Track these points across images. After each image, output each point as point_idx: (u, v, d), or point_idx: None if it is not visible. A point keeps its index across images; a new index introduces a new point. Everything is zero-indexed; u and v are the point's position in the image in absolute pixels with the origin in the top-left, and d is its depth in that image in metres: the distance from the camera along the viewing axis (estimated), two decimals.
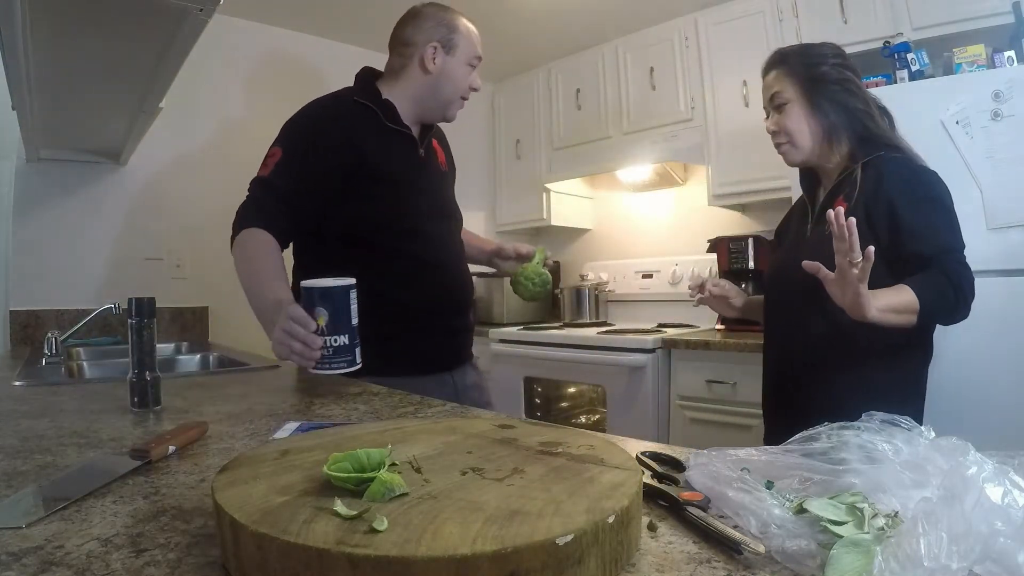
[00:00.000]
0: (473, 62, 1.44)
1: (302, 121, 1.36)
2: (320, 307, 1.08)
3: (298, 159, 1.30)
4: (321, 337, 1.06)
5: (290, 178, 1.29)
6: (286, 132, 1.35)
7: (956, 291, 1.10)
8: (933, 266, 1.12)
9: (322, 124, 1.34)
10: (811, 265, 1.05)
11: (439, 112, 1.44)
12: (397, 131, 1.39)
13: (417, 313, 1.36)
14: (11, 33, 1.08)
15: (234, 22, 2.59)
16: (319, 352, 1.06)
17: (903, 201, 1.15)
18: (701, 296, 1.41)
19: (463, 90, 1.43)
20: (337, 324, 1.08)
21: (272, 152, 1.32)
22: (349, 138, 1.32)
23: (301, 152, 1.30)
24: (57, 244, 2.25)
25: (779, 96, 1.29)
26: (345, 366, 1.10)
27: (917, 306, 1.07)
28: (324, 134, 1.32)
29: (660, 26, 2.74)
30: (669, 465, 0.63)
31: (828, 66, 1.26)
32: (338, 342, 1.09)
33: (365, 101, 1.37)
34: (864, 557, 0.38)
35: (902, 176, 1.18)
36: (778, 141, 1.32)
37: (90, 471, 0.66)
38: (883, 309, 1.04)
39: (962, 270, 1.13)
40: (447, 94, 1.41)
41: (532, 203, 3.25)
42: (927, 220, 1.16)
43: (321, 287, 1.07)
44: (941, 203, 1.18)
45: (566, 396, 2.84)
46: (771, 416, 1.37)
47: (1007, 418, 1.53)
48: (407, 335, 1.35)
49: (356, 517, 0.40)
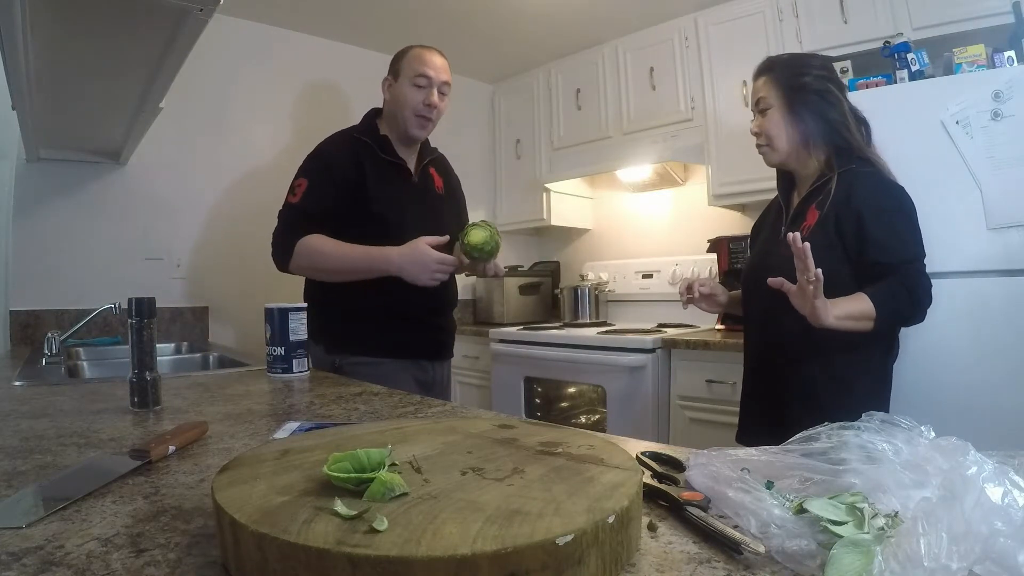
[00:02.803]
0: (418, 81, 1.63)
1: (320, 155, 1.64)
2: (266, 323, 1.43)
3: (318, 187, 1.58)
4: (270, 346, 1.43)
5: (315, 201, 1.57)
6: (308, 165, 1.63)
7: (912, 299, 1.22)
8: (893, 275, 1.22)
9: (333, 157, 1.61)
10: (775, 281, 1.17)
11: (403, 132, 1.67)
12: (391, 161, 1.65)
13: (405, 311, 1.62)
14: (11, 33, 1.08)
15: (234, 22, 2.59)
16: (449, 269, 1.52)
17: (870, 213, 1.25)
18: (689, 297, 1.50)
19: (412, 107, 1.63)
20: (275, 338, 1.42)
21: (299, 183, 1.60)
22: (354, 168, 1.60)
23: (320, 181, 1.58)
24: (57, 244, 2.25)
25: (763, 101, 1.39)
26: (280, 372, 1.41)
27: (874, 314, 1.19)
28: (336, 166, 1.59)
29: (660, 26, 2.74)
30: (669, 465, 0.63)
31: (811, 77, 1.35)
32: (276, 352, 1.42)
33: (364, 137, 1.65)
34: (864, 557, 0.38)
35: (871, 190, 1.28)
36: (759, 143, 1.42)
37: (90, 471, 0.66)
38: (841, 316, 1.16)
39: (920, 279, 1.24)
40: (399, 114, 1.65)
41: (532, 203, 3.25)
42: (891, 232, 1.25)
43: (268, 308, 1.43)
44: (905, 216, 1.28)
45: (566, 396, 2.84)
46: (747, 401, 1.47)
47: (1007, 418, 1.53)
48: (398, 328, 1.63)
49: (356, 517, 0.40)
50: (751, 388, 1.47)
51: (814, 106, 1.34)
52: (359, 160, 1.60)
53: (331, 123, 2.95)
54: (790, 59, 1.42)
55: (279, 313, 1.43)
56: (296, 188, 1.59)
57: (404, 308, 1.60)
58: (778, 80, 1.37)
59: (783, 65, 1.39)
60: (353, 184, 1.58)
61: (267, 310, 1.44)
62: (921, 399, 1.59)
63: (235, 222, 2.65)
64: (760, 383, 1.44)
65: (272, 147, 2.77)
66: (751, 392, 1.47)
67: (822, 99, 1.33)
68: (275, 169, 2.77)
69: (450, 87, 1.69)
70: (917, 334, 1.59)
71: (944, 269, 1.64)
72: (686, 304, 1.51)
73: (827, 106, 1.33)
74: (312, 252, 1.54)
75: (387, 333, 1.61)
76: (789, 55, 1.46)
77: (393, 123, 1.67)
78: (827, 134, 1.34)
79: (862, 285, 1.23)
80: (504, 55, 3.18)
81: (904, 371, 1.44)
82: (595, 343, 2.37)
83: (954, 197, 1.63)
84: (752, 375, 1.47)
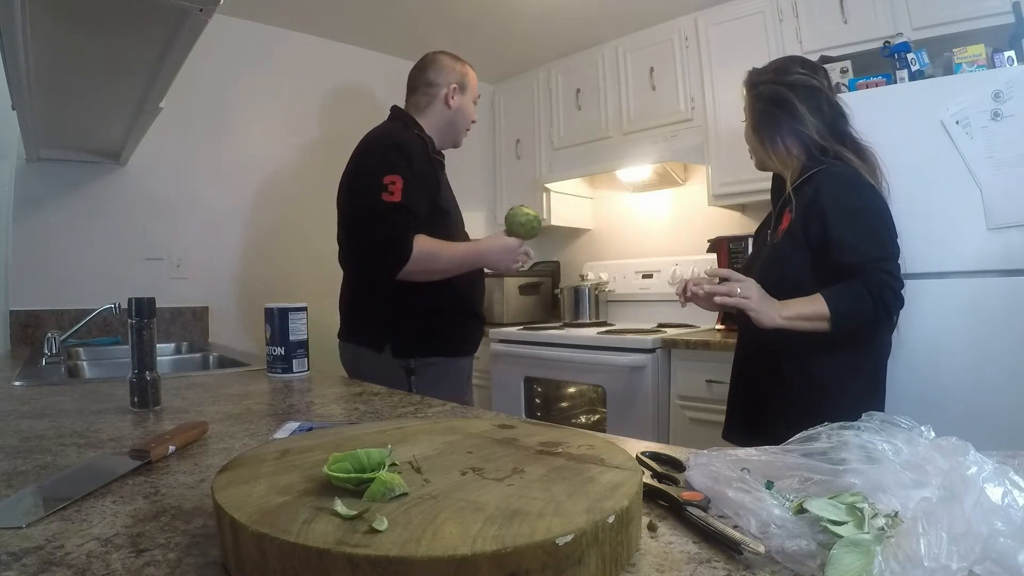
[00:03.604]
0: (476, 99, 1.82)
1: (400, 150, 1.58)
2: (266, 323, 1.44)
3: (412, 183, 1.54)
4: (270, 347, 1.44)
5: (414, 197, 1.54)
6: (391, 161, 1.55)
7: (875, 300, 1.21)
8: (857, 275, 1.23)
9: (413, 152, 1.59)
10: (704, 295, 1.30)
11: (453, 140, 1.79)
12: (438, 160, 1.71)
13: (476, 308, 1.74)
14: (11, 33, 1.08)
15: (234, 22, 2.59)
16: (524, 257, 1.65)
17: (833, 213, 1.25)
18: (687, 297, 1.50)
19: (467, 122, 1.80)
20: (275, 338, 1.42)
21: (392, 179, 1.52)
22: (428, 163, 1.64)
23: (411, 176, 1.55)
24: (57, 244, 2.25)
25: (744, 111, 1.47)
26: (280, 372, 1.42)
27: (827, 314, 1.20)
28: (417, 160, 1.59)
29: (660, 26, 2.74)
30: (669, 465, 0.63)
31: (773, 85, 1.38)
32: (276, 352, 1.43)
33: (423, 136, 1.68)
34: (864, 557, 0.38)
35: (835, 189, 1.28)
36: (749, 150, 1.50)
37: (90, 471, 0.66)
38: (791, 317, 1.20)
39: (885, 279, 1.22)
40: (461, 125, 1.78)
41: (532, 203, 3.24)
42: (853, 231, 1.25)
43: (267, 308, 1.44)
44: (871, 214, 1.27)
45: (566, 396, 2.84)
46: (730, 399, 1.51)
47: (1007, 417, 1.53)
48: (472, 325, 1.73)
49: (356, 517, 0.40)
50: (734, 387, 1.50)
51: (772, 115, 1.37)
52: (429, 158, 1.65)
53: (331, 123, 2.97)
54: (764, 69, 1.44)
55: (279, 313, 1.43)
56: (390, 186, 1.52)
57: (475, 305, 1.72)
58: (748, 92, 1.44)
59: (754, 76, 1.44)
60: (431, 181, 1.62)
61: (267, 310, 1.44)
62: (920, 399, 1.59)
63: (235, 222, 2.65)
64: (741, 382, 1.47)
65: (272, 147, 2.77)
66: (734, 391, 1.50)
67: (779, 107, 1.36)
68: (275, 169, 2.78)
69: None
70: (918, 334, 1.60)
71: (944, 269, 1.64)
72: (684, 304, 1.53)
73: (784, 114, 1.36)
74: (427, 254, 1.52)
75: (463, 331, 1.69)
76: (772, 64, 1.48)
77: (446, 129, 1.75)
78: (791, 140, 1.36)
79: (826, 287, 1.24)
80: (504, 55, 3.18)
81: (904, 371, 1.44)
82: (595, 343, 2.37)
83: (954, 197, 1.63)
84: (736, 374, 1.50)
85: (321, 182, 2.94)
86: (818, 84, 1.38)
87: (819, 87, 1.38)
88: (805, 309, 1.21)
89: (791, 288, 1.25)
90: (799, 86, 1.36)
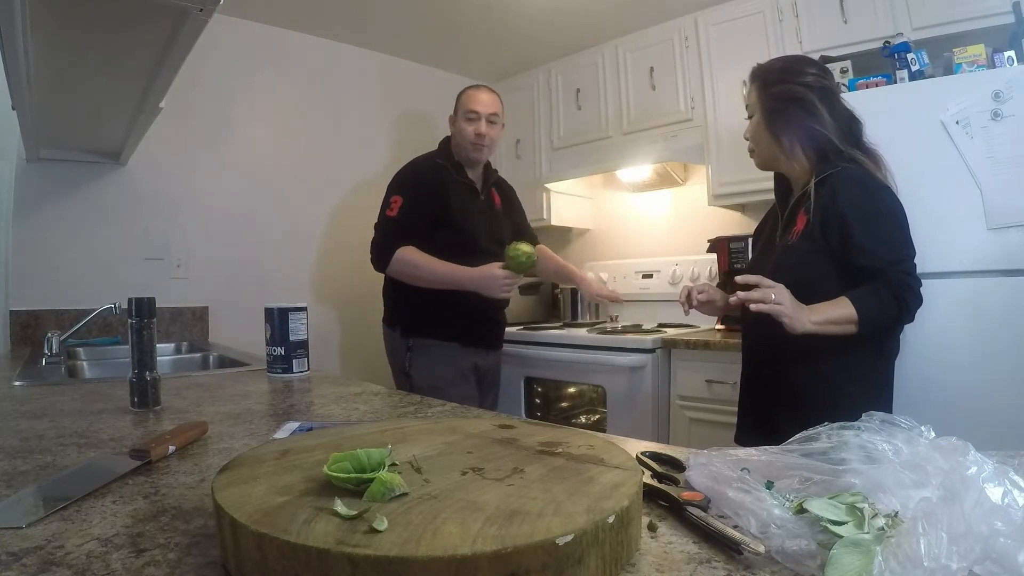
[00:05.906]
0: (469, 116, 2.01)
1: (412, 175, 1.99)
2: (266, 323, 1.45)
3: (411, 202, 1.92)
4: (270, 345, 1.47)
5: (410, 215, 1.91)
6: (400, 183, 1.98)
7: (899, 301, 1.22)
8: (879, 278, 1.23)
9: (422, 178, 1.97)
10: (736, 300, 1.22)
11: (466, 157, 2.04)
12: (463, 182, 2.02)
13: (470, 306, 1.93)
14: (11, 33, 1.08)
15: (234, 22, 2.59)
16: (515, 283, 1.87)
17: (853, 216, 1.25)
18: (691, 306, 1.51)
19: (467, 138, 2.01)
20: (275, 338, 1.43)
21: (394, 199, 1.94)
22: (439, 187, 1.95)
23: (413, 197, 1.93)
24: (57, 244, 2.24)
25: (749, 108, 1.43)
26: (280, 372, 1.43)
27: (856, 317, 1.20)
28: (424, 185, 1.95)
29: (660, 26, 2.74)
30: (669, 465, 0.63)
31: (788, 85, 1.36)
32: (276, 352, 1.44)
33: (443, 162, 2.01)
34: (864, 557, 0.38)
35: (853, 192, 1.27)
36: (749, 147, 1.47)
37: (90, 471, 0.66)
38: (820, 322, 1.19)
39: (907, 280, 1.23)
40: (461, 143, 2.03)
41: (532, 203, 3.23)
42: (874, 234, 1.25)
43: (267, 308, 1.45)
44: (890, 217, 1.27)
45: (566, 396, 2.84)
46: (742, 404, 1.49)
47: (1007, 417, 1.53)
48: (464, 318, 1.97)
49: (356, 517, 0.40)
50: (745, 392, 1.49)
51: (791, 114, 1.35)
52: (443, 180, 1.97)
53: (331, 122, 2.97)
54: (770, 65, 1.43)
55: (279, 313, 1.43)
56: (392, 203, 1.93)
57: (469, 303, 1.92)
58: (760, 88, 1.40)
59: (766, 72, 1.41)
60: (438, 201, 1.93)
61: (267, 310, 1.45)
62: (921, 399, 1.59)
63: (235, 222, 2.65)
64: (753, 387, 1.46)
65: (272, 146, 2.77)
66: (745, 396, 1.48)
67: (799, 107, 1.34)
68: (275, 168, 2.78)
69: (500, 116, 2.06)
70: (917, 334, 1.59)
71: (944, 269, 1.64)
72: (687, 312, 1.53)
73: (805, 115, 1.34)
74: (406, 263, 1.90)
75: (455, 321, 1.95)
76: (777, 60, 1.47)
77: (459, 150, 2.04)
78: (808, 141, 1.35)
79: (849, 288, 1.24)
80: (504, 55, 3.18)
81: (904, 371, 1.44)
82: (595, 343, 2.37)
83: (954, 197, 1.63)
84: (747, 380, 1.48)
85: (321, 182, 2.95)
86: (832, 87, 1.37)
87: (834, 89, 1.38)
88: (833, 313, 1.20)
89: (810, 291, 1.24)
90: (815, 87, 1.35)
